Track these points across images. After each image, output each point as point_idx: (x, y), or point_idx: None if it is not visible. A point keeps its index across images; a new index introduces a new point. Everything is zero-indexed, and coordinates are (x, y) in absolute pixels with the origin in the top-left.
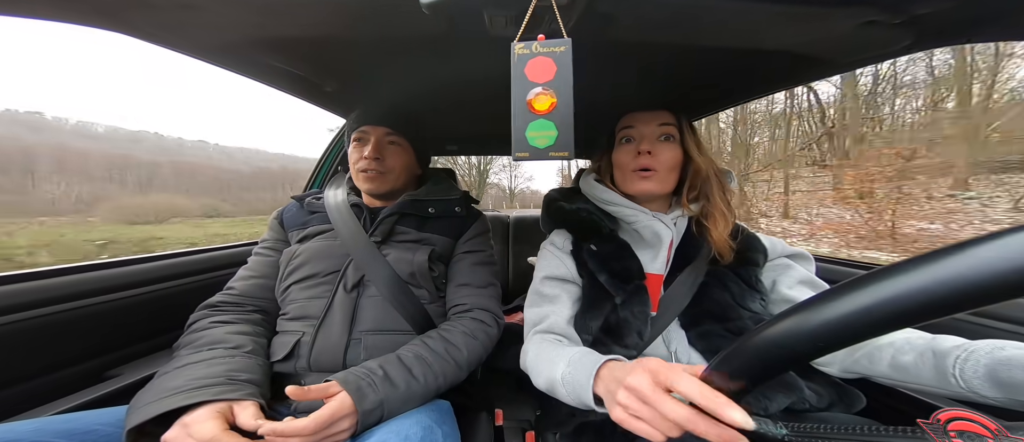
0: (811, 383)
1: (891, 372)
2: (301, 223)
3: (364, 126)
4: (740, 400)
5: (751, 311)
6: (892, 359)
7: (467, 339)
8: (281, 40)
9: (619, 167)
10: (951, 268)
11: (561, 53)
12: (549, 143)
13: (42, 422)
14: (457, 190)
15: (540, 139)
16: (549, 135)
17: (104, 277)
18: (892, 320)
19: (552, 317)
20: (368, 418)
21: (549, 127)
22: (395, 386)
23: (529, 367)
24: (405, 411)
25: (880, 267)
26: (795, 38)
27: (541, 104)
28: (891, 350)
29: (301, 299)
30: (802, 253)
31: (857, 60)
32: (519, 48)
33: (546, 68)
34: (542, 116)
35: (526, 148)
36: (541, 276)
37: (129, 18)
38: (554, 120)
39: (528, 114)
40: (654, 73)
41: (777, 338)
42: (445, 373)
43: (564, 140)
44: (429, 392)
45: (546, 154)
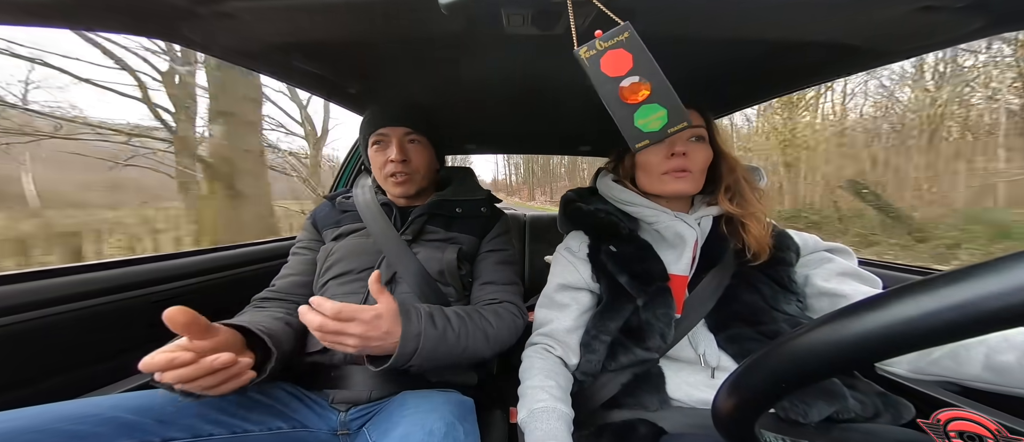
0: (855, 392)
1: (989, 374)
2: (334, 222)
3: (383, 128)
4: (774, 405)
5: (785, 313)
6: (986, 359)
7: (496, 318)
8: (307, 44)
9: (646, 168)
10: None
11: (628, 39)
12: (664, 122)
13: (119, 398)
14: (482, 190)
15: (652, 122)
16: (660, 116)
17: (140, 272)
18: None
19: (555, 323)
20: (407, 344)
21: (656, 109)
22: (435, 326)
23: (520, 377)
24: (434, 360)
25: (943, 272)
26: (843, 27)
27: (635, 93)
28: (983, 349)
29: (339, 295)
30: (841, 247)
31: (913, 48)
32: (584, 52)
33: (621, 59)
34: (643, 103)
35: (642, 136)
36: (555, 283)
37: (180, 29)
38: (657, 101)
39: (626, 106)
40: (686, 70)
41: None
42: (474, 341)
43: (676, 114)
44: (456, 351)
45: (665, 133)
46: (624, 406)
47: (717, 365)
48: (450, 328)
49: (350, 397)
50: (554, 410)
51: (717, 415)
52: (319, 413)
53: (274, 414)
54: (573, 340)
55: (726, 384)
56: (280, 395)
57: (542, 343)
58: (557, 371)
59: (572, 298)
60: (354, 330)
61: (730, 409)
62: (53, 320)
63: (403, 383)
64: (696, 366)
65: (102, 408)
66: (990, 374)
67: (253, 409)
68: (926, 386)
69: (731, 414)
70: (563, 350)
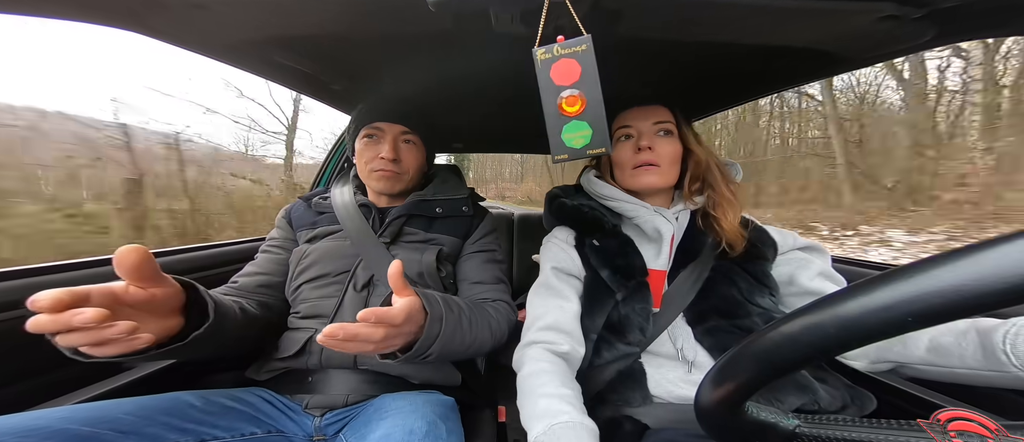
0: (825, 385)
1: (929, 356)
2: (310, 223)
3: (378, 122)
4: (749, 399)
5: (760, 307)
6: (930, 342)
7: (496, 313)
8: (289, 38)
9: (619, 165)
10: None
11: (583, 52)
12: (586, 142)
13: (68, 411)
14: (464, 189)
15: (576, 139)
16: (584, 135)
17: (107, 273)
18: (916, 318)
19: (556, 313)
20: (432, 328)
21: (583, 127)
22: (452, 311)
23: (519, 385)
24: (450, 348)
25: (898, 266)
26: (811, 34)
27: (572, 106)
28: (927, 334)
29: (312, 298)
30: (816, 246)
31: (875, 56)
32: (541, 54)
33: (571, 69)
34: (574, 118)
35: (564, 150)
36: (549, 267)
37: (143, 18)
38: (587, 119)
39: (561, 117)
40: (651, 70)
41: (795, 334)
42: (481, 332)
43: (599, 138)
44: (467, 340)
45: (584, 153)
46: (609, 403)
47: (693, 360)
48: (463, 315)
49: (325, 402)
50: (581, 425)
51: (699, 408)
52: (294, 418)
53: (246, 420)
54: (578, 329)
55: (707, 378)
56: (252, 400)
57: (545, 341)
58: (570, 376)
59: (568, 283)
60: (392, 334)
61: (712, 401)
62: None
63: (382, 386)
64: (675, 361)
65: (51, 421)
66: (932, 356)
67: (224, 415)
68: (919, 388)
69: (712, 406)
70: (570, 343)
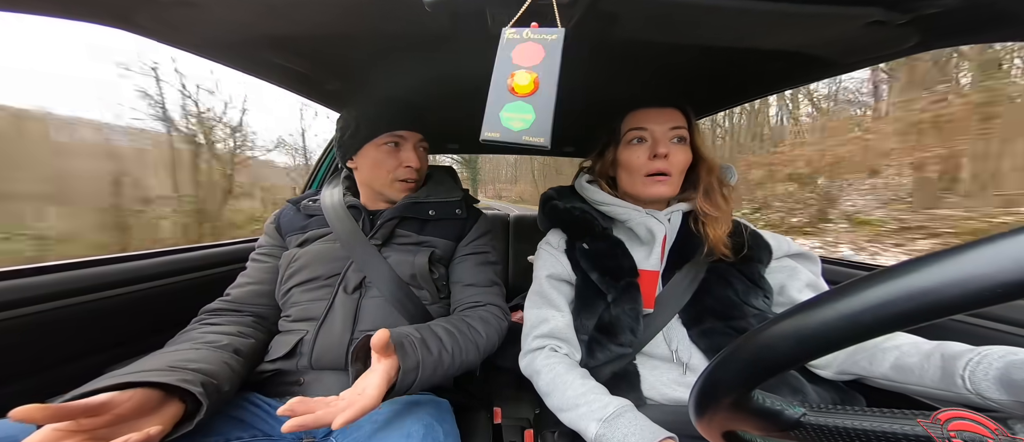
0: (815, 385)
1: (892, 373)
2: (299, 227)
3: (401, 130)
4: (746, 396)
5: (755, 308)
6: (896, 361)
7: (484, 325)
8: (282, 38)
9: (628, 168)
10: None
11: (552, 41)
12: (524, 126)
13: None
14: (458, 190)
15: (515, 121)
16: (526, 118)
17: (101, 273)
18: (885, 323)
19: (553, 321)
20: (406, 378)
21: (527, 110)
22: (430, 352)
23: (543, 390)
24: (432, 381)
25: (873, 271)
26: (800, 38)
27: (523, 83)
28: (896, 353)
29: (303, 301)
30: (807, 253)
31: (862, 60)
32: (509, 33)
33: (534, 53)
34: (521, 98)
35: (498, 128)
36: (543, 275)
37: (133, 16)
38: (533, 103)
39: (506, 94)
40: (662, 70)
41: (770, 341)
42: (467, 353)
43: (541, 126)
44: (453, 367)
45: (520, 138)
46: None
47: (688, 362)
48: (444, 349)
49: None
50: (629, 406)
51: (693, 408)
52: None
53: (234, 424)
54: (574, 336)
55: (701, 379)
56: (241, 404)
57: (549, 345)
58: (586, 372)
59: (560, 291)
60: None
61: (706, 402)
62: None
63: None
64: (670, 363)
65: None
66: (894, 373)
67: (212, 420)
68: (906, 391)
69: (706, 406)
70: (569, 348)
